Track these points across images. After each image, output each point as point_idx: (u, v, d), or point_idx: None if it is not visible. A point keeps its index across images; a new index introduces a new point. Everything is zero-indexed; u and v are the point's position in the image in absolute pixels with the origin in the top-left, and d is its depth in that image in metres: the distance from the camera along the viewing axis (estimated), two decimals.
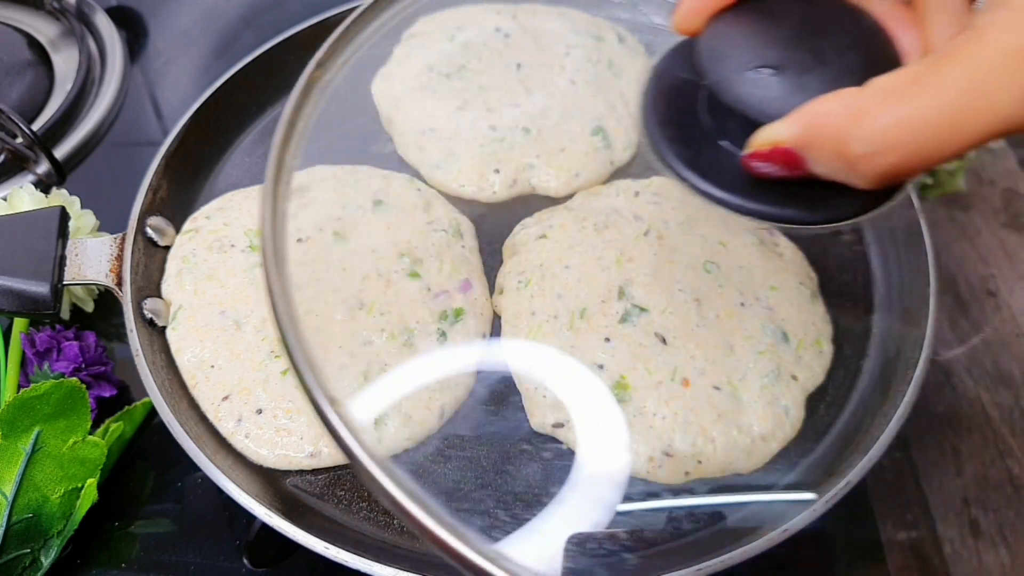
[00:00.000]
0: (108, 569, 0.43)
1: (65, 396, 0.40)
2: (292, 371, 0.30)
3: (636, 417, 0.37)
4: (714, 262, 0.41)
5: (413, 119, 0.47)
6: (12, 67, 0.64)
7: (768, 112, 0.26)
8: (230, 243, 0.42)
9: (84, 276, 0.41)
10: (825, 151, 0.25)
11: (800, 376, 0.39)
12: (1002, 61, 0.23)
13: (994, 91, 0.23)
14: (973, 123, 0.24)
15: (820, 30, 0.27)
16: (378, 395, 0.38)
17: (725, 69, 0.27)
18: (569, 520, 0.35)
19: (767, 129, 0.26)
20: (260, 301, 0.40)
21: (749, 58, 0.27)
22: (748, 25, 0.28)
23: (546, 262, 0.41)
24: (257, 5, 0.72)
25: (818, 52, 0.26)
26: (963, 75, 0.23)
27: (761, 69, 0.26)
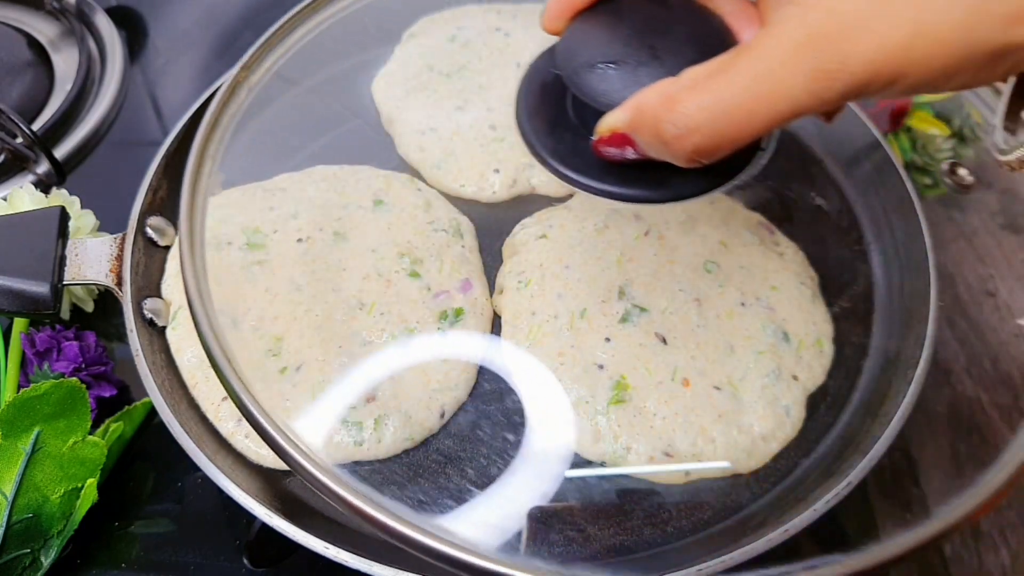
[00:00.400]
0: (108, 569, 0.43)
1: (65, 396, 0.40)
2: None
3: (636, 417, 0.37)
4: (714, 262, 0.42)
5: (413, 119, 0.47)
6: (12, 67, 0.64)
7: (608, 102, 0.30)
8: (227, 241, 0.42)
9: (84, 276, 0.41)
10: (646, 134, 0.28)
11: (801, 376, 0.39)
12: (790, 51, 0.25)
13: (783, 78, 0.26)
14: (766, 107, 0.26)
15: (662, 28, 0.31)
16: (378, 395, 0.38)
17: (576, 64, 0.30)
18: (516, 494, 0.35)
19: (606, 117, 0.30)
20: (257, 299, 0.40)
21: (595, 54, 0.30)
22: (599, 25, 0.31)
23: (546, 262, 0.41)
24: (257, 5, 0.72)
25: (655, 48, 0.30)
26: (757, 64, 0.26)
27: (604, 64, 0.30)
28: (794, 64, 0.25)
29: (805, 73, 0.25)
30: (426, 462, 0.37)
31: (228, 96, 0.43)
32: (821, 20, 0.25)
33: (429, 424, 0.37)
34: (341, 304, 0.40)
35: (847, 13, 0.25)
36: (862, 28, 0.25)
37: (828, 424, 0.39)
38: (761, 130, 0.27)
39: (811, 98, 0.26)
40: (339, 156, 0.46)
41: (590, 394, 0.37)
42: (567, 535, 0.35)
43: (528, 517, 0.35)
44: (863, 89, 0.26)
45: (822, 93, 0.26)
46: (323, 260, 0.41)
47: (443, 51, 0.51)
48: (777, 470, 0.37)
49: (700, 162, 0.28)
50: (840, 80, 0.25)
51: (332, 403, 0.37)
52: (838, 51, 0.25)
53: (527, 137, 0.34)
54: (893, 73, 0.25)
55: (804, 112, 0.26)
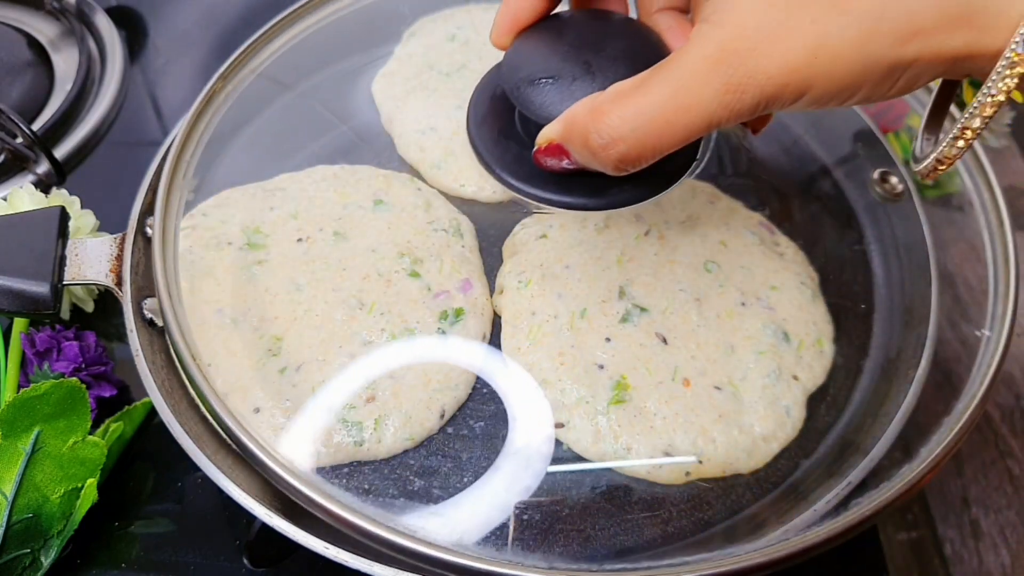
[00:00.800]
0: (108, 569, 0.43)
1: (65, 396, 0.40)
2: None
3: (637, 417, 0.37)
4: (715, 262, 0.42)
5: (413, 119, 0.47)
6: (12, 67, 0.64)
7: (546, 115, 0.31)
8: (227, 240, 0.42)
9: (84, 276, 0.41)
10: (577, 144, 0.30)
11: (801, 376, 0.39)
12: (703, 66, 0.27)
13: (697, 91, 0.27)
14: (684, 118, 0.28)
15: (599, 44, 0.32)
16: (378, 395, 0.38)
17: (517, 79, 0.32)
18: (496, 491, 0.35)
19: (544, 129, 0.32)
20: (257, 299, 0.40)
21: (535, 70, 0.32)
22: (540, 41, 0.33)
23: (546, 262, 0.41)
24: (257, 5, 0.72)
25: (590, 64, 0.32)
26: (674, 78, 0.28)
27: (543, 79, 0.32)
28: (707, 78, 0.27)
29: (717, 86, 0.27)
30: (426, 462, 0.37)
31: (205, 103, 0.45)
32: (731, 37, 0.27)
33: (429, 424, 0.37)
34: (341, 304, 0.40)
35: (754, 31, 0.27)
36: (768, 46, 0.27)
37: (828, 424, 0.39)
38: (680, 139, 0.28)
39: (724, 110, 0.27)
40: (339, 156, 0.46)
41: (590, 394, 0.37)
42: (567, 535, 0.35)
43: (527, 517, 0.35)
44: (773, 101, 0.28)
45: (734, 105, 0.27)
46: (323, 260, 0.41)
47: (443, 50, 0.51)
48: (777, 470, 0.37)
49: (626, 170, 0.30)
50: (749, 93, 0.27)
51: (332, 403, 0.37)
52: (746, 66, 0.27)
53: (475, 146, 0.35)
54: (799, 87, 0.27)
55: (719, 123, 0.28)
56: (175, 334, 0.37)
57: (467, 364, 0.39)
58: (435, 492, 0.36)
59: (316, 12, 0.52)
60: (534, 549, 0.35)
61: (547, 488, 0.36)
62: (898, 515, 0.52)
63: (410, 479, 0.36)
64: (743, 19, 0.27)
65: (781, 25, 0.27)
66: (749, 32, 0.27)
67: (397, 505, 0.36)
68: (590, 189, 0.33)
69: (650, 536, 0.35)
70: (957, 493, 0.53)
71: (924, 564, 0.50)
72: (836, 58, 0.27)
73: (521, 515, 0.35)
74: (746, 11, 0.27)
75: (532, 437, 0.37)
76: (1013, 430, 0.56)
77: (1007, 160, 0.71)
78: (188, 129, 0.44)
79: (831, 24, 0.26)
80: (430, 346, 0.39)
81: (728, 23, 0.27)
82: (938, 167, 0.30)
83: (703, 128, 0.28)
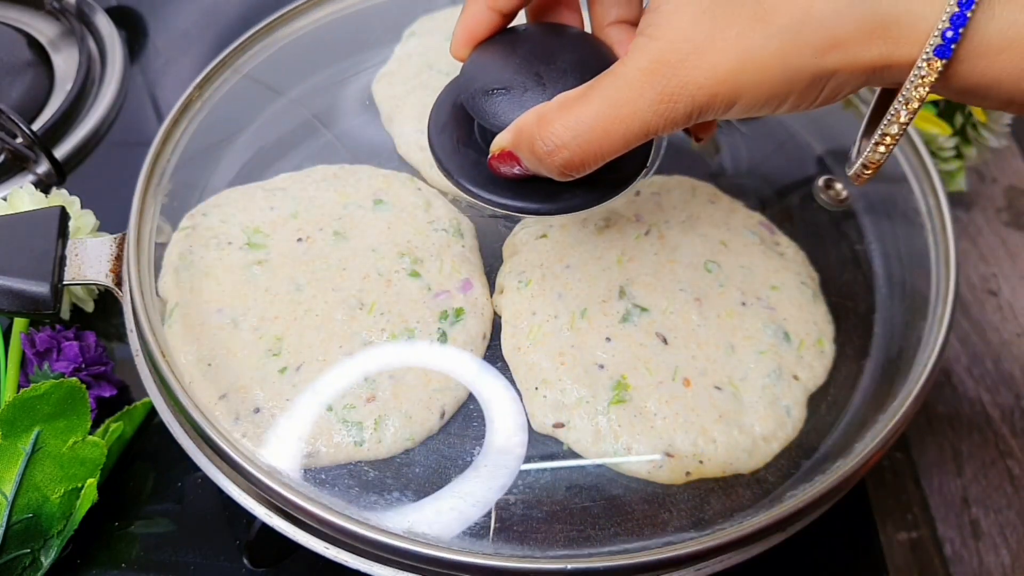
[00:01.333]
0: (108, 569, 0.43)
1: (65, 396, 0.40)
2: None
3: (637, 417, 0.37)
4: (715, 261, 0.41)
5: (413, 118, 0.47)
6: (12, 67, 0.64)
7: (499, 124, 0.33)
8: (227, 240, 0.42)
9: (84, 276, 0.41)
10: (525, 151, 0.32)
11: (802, 376, 0.39)
12: (638, 77, 0.29)
13: (633, 100, 0.29)
14: (621, 126, 0.29)
15: (550, 56, 0.34)
16: (378, 394, 0.38)
17: (473, 89, 0.34)
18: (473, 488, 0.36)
19: (497, 137, 0.33)
20: (257, 299, 0.40)
21: (489, 80, 0.34)
22: (495, 53, 0.34)
23: (546, 262, 0.41)
24: (257, 5, 0.72)
25: (541, 75, 0.33)
26: (612, 88, 0.29)
27: (496, 89, 0.33)
28: (641, 88, 0.29)
29: (651, 97, 0.29)
30: (425, 462, 0.37)
31: (182, 109, 0.46)
32: (664, 50, 0.28)
33: (429, 424, 0.37)
34: (341, 304, 0.40)
35: (685, 44, 0.28)
36: (697, 57, 0.28)
37: (829, 424, 0.39)
38: (620, 147, 0.30)
39: (659, 118, 0.29)
40: (339, 156, 0.46)
41: (591, 394, 0.37)
42: (568, 535, 0.35)
43: (526, 517, 0.35)
44: (705, 110, 0.29)
45: (668, 114, 0.29)
46: (323, 260, 0.41)
47: (443, 50, 0.50)
48: (778, 470, 0.37)
49: (571, 175, 0.31)
50: (682, 102, 0.29)
51: (332, 403, 0.37)
52: (679, 77, 0.28)
53: (435, 152, 0.37)
54: (728, 96, 0.29)
55: (655, 131, 0.29)
56: (150, 343, 0.38)
57: (467, 364, 0.39)
58: (434, 492, 0.36)
59: (314, 12, 0.52)
60: (534, 547, 0.35)
61: (546, 489, 0.36)
62: (898, 515, 0.52)
63: (410, 479, 0.36)
64: (675, 32, 0.28)
65: (709, 38, 0.28)
66: (680, 44, 0.28)
67: (396, 505, 0.35)
68: (544, 195, 0.35)
69: (649, 535, 0.35)
70: (957, 493, 0.53)
71: (924, 564, 0.50)
72: (761, 69, 0.28)
73: (520, 514, 0.35)
74: (678, 25, 0.28)
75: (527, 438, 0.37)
76: (1013, 430, 0.56)
77: (1007, 160, 0.71)
78: (166, 132, 0.45)
79: (755, 37, 0.28)
80: (428, 352, 0.39)
81: (662, 36, 0.29)
82: (864, 172, 0.31)
83: (640, 136, 0.30)
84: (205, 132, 0.47)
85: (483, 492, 0.36)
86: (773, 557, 0.36)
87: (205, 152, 0.46)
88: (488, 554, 0.34)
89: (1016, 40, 0.26)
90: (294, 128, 0.48)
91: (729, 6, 0.28)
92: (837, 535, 0.45)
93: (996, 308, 0.62)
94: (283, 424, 0.37)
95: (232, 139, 0.47)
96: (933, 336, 0.40)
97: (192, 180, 0.45)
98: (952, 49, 0.26)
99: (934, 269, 0.43)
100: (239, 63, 0.49)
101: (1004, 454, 0.55)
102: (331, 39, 0.52)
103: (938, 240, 0.44)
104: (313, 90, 0.49)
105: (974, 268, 0.64)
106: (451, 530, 0.35)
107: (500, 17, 0.35)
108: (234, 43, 0.48)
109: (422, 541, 0.34)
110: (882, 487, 0.53)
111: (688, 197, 0.44)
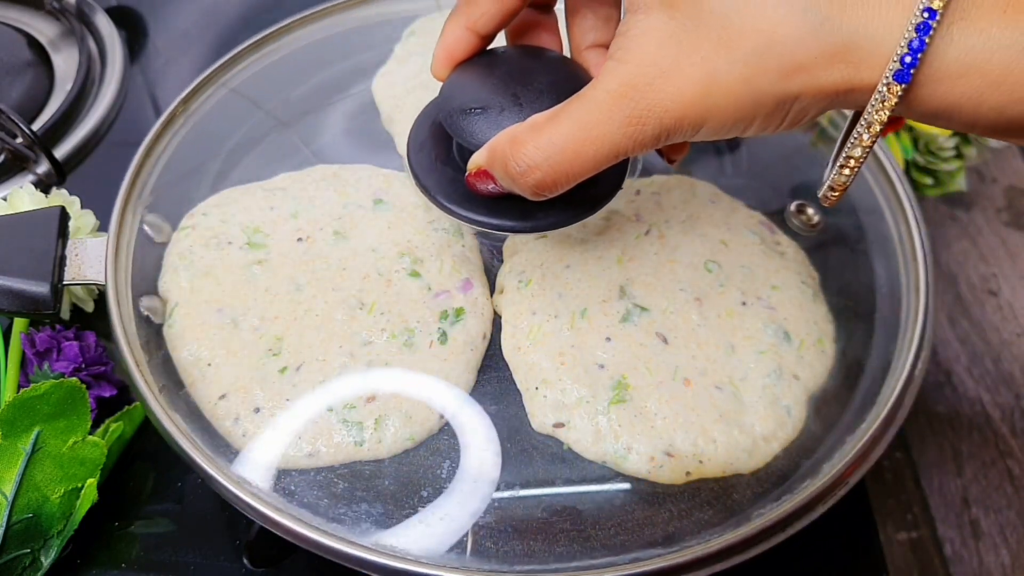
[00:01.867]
0: (108, 569, 0.43)
1: (65, 396, 0.40)
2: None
3: (637, 417, 0.37)
4: (715, 261, 0.41)
5: (413, 118, 0.47)
6: (12, 67, 0.64)
7: (475, 143, 0.34)
8: (227, 240, 0.42)
9: (84, 276, 0.41)
10: (499, 171, 0.32)
11: (802, 376, 0.39)
12: (607, 100, 0.29)
13: (602, 123, 0.29)
14: (591, 148, 0.30)
15: (526, 78, 0.34)
16: (378, 394, 0.38)
17: (450, 108, 0.35)
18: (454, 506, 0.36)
19: (473, 156, 0.34)
20: (257, 299, 0.40)
21: (466, 100, 0.34)
22: (473, 74, 0.35)
23: (546, 262, 0.41)
24: (257, 5, 0.72)
25: (517, 96, 0.34)
26: (581, 110, 0.30)
27: (473, 109, 0.34)
28: (610, 111, 0.29)
29: (620, 120, 0.29)
30: (425, 462, 0.37)
31: (167, 121, 0.46)
32: (631, 73, 0.29)
33: (429, 424, 0.37)
34: (341, 304, 0.40)
35: (652, 68, 0.29)
36: (663, 81, 0.29)
37: (829, 424, 0.39)
38: (590, 168, 0.30)
39: (628, 140, 0.29)
40: (339, 156, 0.46)
41: (591, 394, 0.37)
42: (568, 535, 0.35)
43: (524, 520, 0.35)
44: (673, 132, 0.29)
45: (636, 136, 0.29)
46: (323, 260, 0.41)
47: None
48: (778, 470, 0.37)
49: (543, 195, 0.32)
50: (650, 125, 0.29)
51: (332, 403, 0.37)
52: (645, 100, 0.29)
53: (413, 169, 0.38)
54: (695, 119, 0.29)
55: (625, 153, 0.30)
56: (124, 352, 0.38)
57: (467, 362, 0.39)
58: (432, 494, 0.36)
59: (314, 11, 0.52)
60: (533, 551, 0.35)
61: (542, 489, 0.36)
62: (898, 515, 0.52)
63: (409, 479, 0.36)
64: (642, 56, 0.29)
65: (675, 62, 0.28)
66: (647, 68, 0.29)
67: (394, 508, 0.36)
68: (519, 213, 0.36)
69: (649, 536, 0.35)
70: (957, 493, 0.53)
71: (924, 564, 0.50)
72: (726, 93, 0.28)
73: (519, 517, 0.35)
74: (645, 49, 0.29)
75: (525, 438, 0.37)
76: (1013, 430, 0.56)
77: (1007, 160, 0.71)
78: (158, 130, 0.45)
79: (720, 61, 0.28)
80: (430, 345, 0.39)
81: (630, 60, 0.29)
82: (831, 194, 0.32)
83: (610, 157, 0.30)
84: (203, 133, 0.47)
85: (482, 493, 0.36)
86: (773, 557, 0.36)
87: (202, 153, 0.46)
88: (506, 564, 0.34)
89: (972, 66, 0.27)
90: (294, 128, 0.48)
91: (695, 31, 0.28)
92: (837, 535, 0.45)
93: (996, 308, 0.62)
94: (283, 424, 0.37)
95: (232, 139, 0.47)
96: (907, 340, 0.40)
97: (191, 180, 0.45)
98: (911, 74, 0.27)
99: (922, 267, 0.43)
100: (240, 63, 0.50)
101: (1004, 454, 0.55)
102: (331, 39, 0.52)
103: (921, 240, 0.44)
104: (312, 90, 0.49)
105: (974, 268, 0.64)
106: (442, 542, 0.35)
107: (479, 39, 0.35)
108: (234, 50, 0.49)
109: (401, 556, 0.34)
110: (882, 487, 0.53)
111: (688, 197, 0.44)
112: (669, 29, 0.29)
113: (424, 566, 0.34)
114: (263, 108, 0.48)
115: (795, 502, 0.35)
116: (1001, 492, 0.54)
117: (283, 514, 0.35)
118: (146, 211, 0.44)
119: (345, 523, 0.35)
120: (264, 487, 0.36)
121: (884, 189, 0.46)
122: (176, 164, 0.46)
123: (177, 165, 0.46)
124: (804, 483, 0.36)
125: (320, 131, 0.48)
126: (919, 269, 0.42)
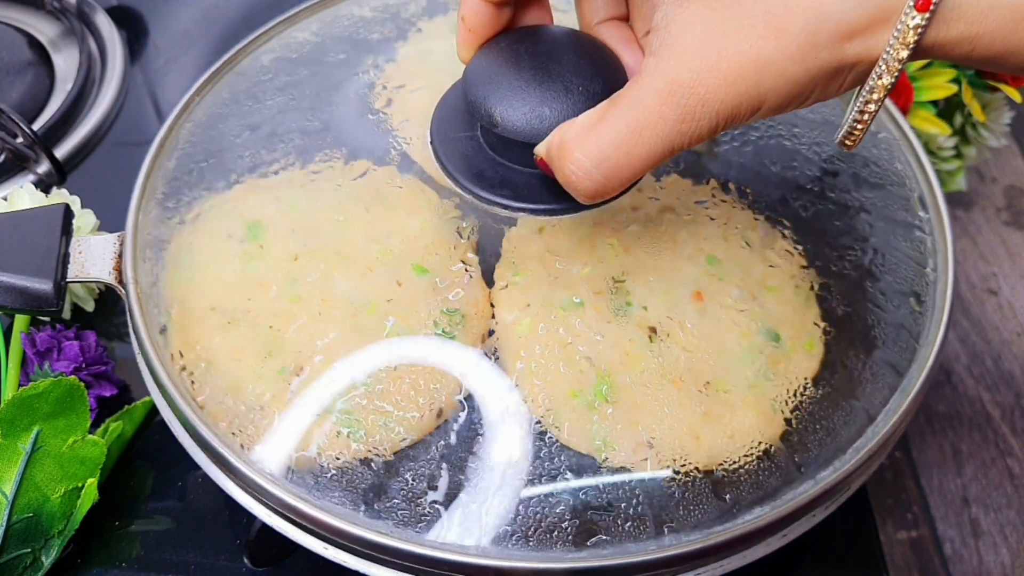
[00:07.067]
0: (109, 568, 0.43)
1: (64, 394, 0.40)
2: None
3: (625, 413, 0.37)
4: (710, 259, 0.42)
5: (415, 117, 0.47)
6: (12, 67, 0.64)
7: (499, 125, 0.34)
8: (227, 238, 0.42)
9: (87, 274, 0.41)
10: (558, 175, 0.32)
11: (791, 376, 0.39)
12: (655, 99, 0.29)
13: (654, 123, 0.29)
14: (643, 149, 0.29)
15: (551, 57, 0.34)
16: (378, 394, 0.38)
17: (475, 91, 0.35)
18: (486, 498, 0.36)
19: (539, 145, 0.33)
20: (257, 298, 0.40)
21: (491, 82, 0.34)
22: (497, 55, 0.35)
23: (543, 255, 0.41)
24: (257, 5, 0.72)
25: (544, 76, 0.34)
26: (629, 111, 0.29)
27: (499, 91, 0.34)
28: (661, 111, 0.28)
29: (672, 118, 0.28)
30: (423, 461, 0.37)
31: (179, 114, 0.47)
32: (676, 69, 0.28)
33: (428, 423, 0.37)
34: (341, 303, 0.40)
35: (696, 61, 0.28)
36: (711, 74, 0.28)
37: (825, 426, 0.39)
38: (644, 169, 0.30)
39: (682, 137, 0.29)
40: (339, 155, 0.46)
41: (579, 388, 0.37)
42: (563, 531, 0.35)
43: (521, 516, 0.35)
44: (730, 121, 0.29)
45: (692, 132, 0.29)
46: (323, 259, 0.41)
47: (446, 49, 0.50)
48: (778, 470, 0.37)
49: (597, 199, 0.32)
50: (706, 118, 0.29)
51: (331, 403, 0.37)
52: (696, 96, 0.28)
53: (436, 151, 0.38)
54: (752, 105, 0.29)
55: (680, 149, 0.29)
56: (146, 344, 0.38)
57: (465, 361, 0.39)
58: (432, 491, 0.36)
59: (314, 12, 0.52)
60: (528, 547, 0.35)
61: (535, 488, 0.36)
62: (898, 514, 0.52)
63: (408, 478, 0.36)
64: (685, 51, 0.28)
65: (721, 53, 0.28)
66: (693, 63, 0.28)
67: (394, 505, 0.36)
68: (544, 195, 0.37)
69: (649, 536, 0.35)
70: (957, 492, 0.53)
71: (924, 563, 0.51)
72: (780, 75, 0.28)
73: (516, 513, 0.35)
74: (688, 43, 0.28)
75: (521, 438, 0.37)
76: (1013, 429, 0.56)
77: (1007, 160, 0.71)
78: (168, 131, 0.46)
79: (769, 46, 0.28)
80: (428, 347, 0.39)
81: (673, 56, 0.28)
82: (848, 139, 0.32)
83: (664, 156, 0.30)
84: (205, 132, 0.47)
85: (483, 491, 0.36)
86: (773, 556, 0.36)
87: (205, 151, 0.47)
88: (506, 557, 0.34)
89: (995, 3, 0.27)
90: (294, 127, 0.48)
91: (737, 18, 0.28)
92: (837, 534, 0.45)
93: (996, 307, 0.62)
94: (283, 423, 0.37)
95: (232, 139, 0.47)
96: (932, 334, 0.40)
97: (192, 179, 0.45)
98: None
99: (930, 266, 0.43)
100: (240, 64, 0.50)
101: (1004, 453, 0.55)
102: (331, 38, 0.52)
103: (936, 237, 0.44)
104: (313, 89, 0.49)
105: (974, 268, 0.64)
106: (449, 531, 0.35)
107: (495, 8, 0.35)
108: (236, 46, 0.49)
109: (419, 542, 0.34)
110: (882, 486, 0.53)
111: (685, 194, 0.44)
112: (710, 19, 0.28)
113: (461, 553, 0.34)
114: (264, 103, 0.48)
115: (795, 503, 0.35)
116: (1001, 491, 0.54)
117: (324, 512, 0.35)
118: (152, 207, 0.44)
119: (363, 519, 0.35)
120: (279, 482, 0.36)
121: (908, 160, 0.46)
122: (179, 161, 0.46)
123: (180, 162, 0.46)
124: (803, 486, 0.36)
125: (323, 126, 0.48)
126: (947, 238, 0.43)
